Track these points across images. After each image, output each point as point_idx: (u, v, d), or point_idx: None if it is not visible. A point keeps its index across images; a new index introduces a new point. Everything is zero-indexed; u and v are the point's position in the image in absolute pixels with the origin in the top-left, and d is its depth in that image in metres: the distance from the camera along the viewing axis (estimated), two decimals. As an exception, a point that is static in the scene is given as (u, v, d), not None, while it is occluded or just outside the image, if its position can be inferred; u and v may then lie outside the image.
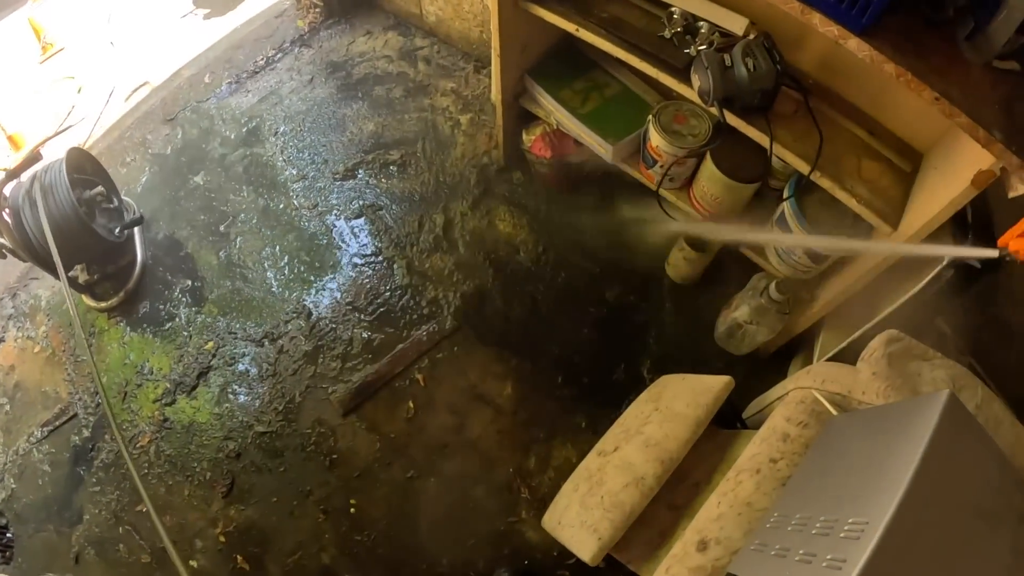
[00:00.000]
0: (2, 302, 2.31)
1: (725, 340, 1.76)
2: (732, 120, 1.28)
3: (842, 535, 0.79)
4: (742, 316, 1.62)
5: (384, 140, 2.07)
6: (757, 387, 1.46)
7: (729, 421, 1.45)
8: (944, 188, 1.01)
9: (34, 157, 1.86)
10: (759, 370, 1.67)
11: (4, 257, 1.90)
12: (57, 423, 1.93)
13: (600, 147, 1.59)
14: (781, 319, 1.58)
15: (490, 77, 2.07)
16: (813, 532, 0.86)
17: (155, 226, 2.09)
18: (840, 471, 0.95)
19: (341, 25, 2.37)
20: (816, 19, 0.99)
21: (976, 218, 1.06)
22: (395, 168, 2.01)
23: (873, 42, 0.95)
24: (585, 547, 1.23)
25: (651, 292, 1.80)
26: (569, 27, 1.39)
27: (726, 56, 1.23)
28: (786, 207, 1.43)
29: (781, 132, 1.27)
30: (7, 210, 1.82)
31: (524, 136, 1.78)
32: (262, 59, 2.34)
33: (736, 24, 1.30)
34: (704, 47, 1.29)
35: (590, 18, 1.39)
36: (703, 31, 1.32)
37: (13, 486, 1.83)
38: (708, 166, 1.49)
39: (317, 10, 2.37)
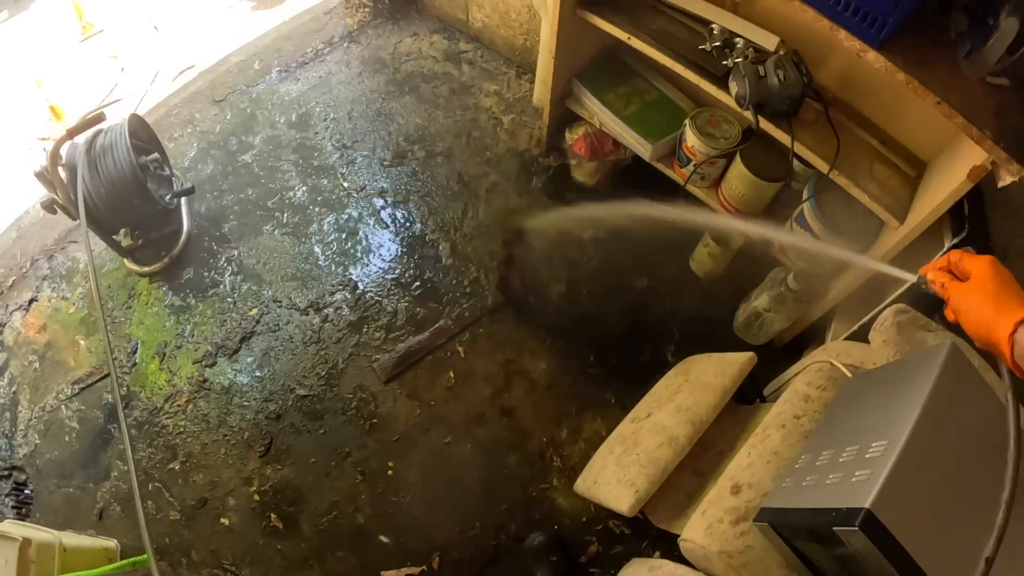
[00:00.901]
0: (38, 263, 2.40)
1: (743, 330, 1.96)
2: (763, 123, 1.50)
3: (867, 456, 0.97)
4: (761, 304, 1.82)
5: (430, 132, 2.27)
6: (774, 373, 1.65)
7: (750, 400, 1.63)
8: (944, 184, 1.23)
9: (94, 119, 1.96)
10: (775, 358, 1.86)
11: (55, 212, 2.01)
12: (89, 381, 2.01)
13: (640, 146, 1.81)
14: (797, 308, 1.78)
15: (532, 82, 2.31)
16: (840, 460, 1.03)
17: (202, 198, 2.23)
18: (859, 415, 1.13)
19: (388, 26, 2.59)
20: (842, 35, 1.22)
21: (972, 214, 1.29)
22: (441, 158, 2.20)
23: (888, 55, 1.18)
24: (623, 500, 1.37)
25: (677, 284, 2.00)
26: (622, 35, 1.62)
27: (760, 67, 1.46)
28: (806, 207, 1.65)
29: (804, 136, 1.50)
30: (62, 166, 1.94)
31: (567, 134, 1.99)
32: (311, 51, 2.54)
33: (768, 41, 1.54)
34: (740, 59, 1.53)
35: (641, 29, 1.62)
36: (739, 46, 1.56)
37: (37, 442, 1.89)
38: (737, 165, 1.71)
39: (366, 10, 2.59)
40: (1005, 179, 1.04)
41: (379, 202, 2.12)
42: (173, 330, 2.01)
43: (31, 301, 2.32)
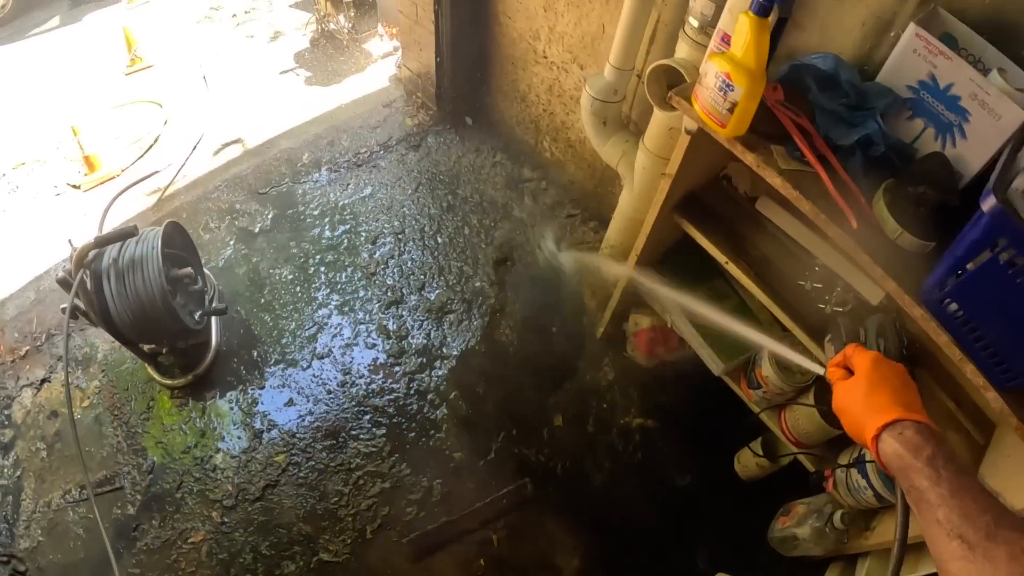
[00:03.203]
0: (54, 339, 2.34)
1: (778, 542, 1.94)
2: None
3: None
4: (801, 534, 1.81)
5: (480, 279, 2.20)
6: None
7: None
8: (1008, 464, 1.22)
9: (125, 233, 1.85)
10: (801, 571, 1.85)
11: (76, 318, 1.95)
12: (99, 490, 1.97)
13: (712, 361, 1.77)
14: (838, 545, 1.77)
15: (596, 231, 2.25)
16: None
17: (233, 308, 2.17)
18: None
19: (451, 134, 2.52)
20: (969, 368, 1.18)
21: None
22: (485, 316, 2.12)
23: (1007, 398, 1.15)
24: None
25: (718, 484, 1.98)
26: (720, 258, 1.57)
27: (861, 331, 1.42)
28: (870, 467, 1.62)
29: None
30: (89, 271, 1.87)
31: (632, 320, 1.95)
32: (366, 151, 2.47)
33: (873, 295, 1.49)
34: (840, 309, 1.48)
35: (742, 255, 1.56)
36: (839, 289, 1.51)
37: (40, 539, 1.85)
38: (808, 403, 1.68)
39: (428, 113, 2.50)
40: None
41: (417, 361, 2.05)
42: (193, 457, 1.97)
43: (43, 381, 2.27)
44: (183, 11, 3.85)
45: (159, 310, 1.86)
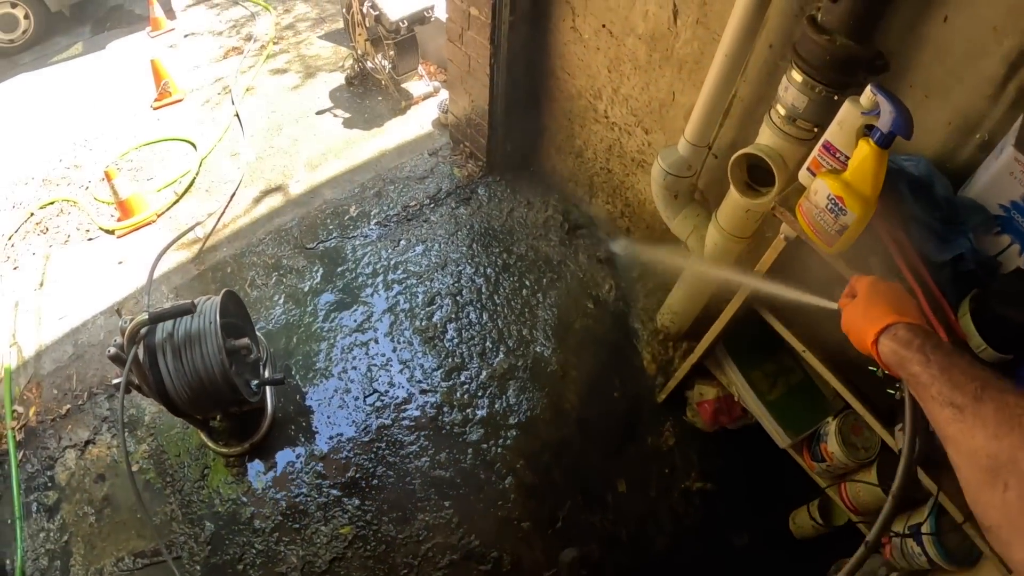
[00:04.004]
0: (96, 398, 2.30)
1: (836, 603, 1.97)
2: (921, 476, 1.48)
3: None
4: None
5: (540, 344, 2.18)
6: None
7: None
8: None
9: (181, 310, 1.79)
10: None
11: (129, 392, 1.92)
12: (153, 559, 1.95)
13: (777, 434, 1.78)
14: (888, 603, 1.80)
15: (654, 295, 2.24)
16: None
17: (288, 373, 2.13)
18: None
19: (501, 186, 2.49)
20: None
21: None
22: (556, 380, 2.10)
23: None
24: None
25: (773, 543, 2.00)
26: (798, 347, 1.58)
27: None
28: (927, 540, 1.65)
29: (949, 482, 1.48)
30: (142, 346, 1.82)
31: (696, 391, 1.95)
32: (415, 204, 2.43)
33: None
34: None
35: (817, 343, 1.57)
36: None
37: None
38: (871, 478, 1.69)
39: (478, 164, 2.47)
40: None
41: (482, 430, 2.03)
42: (253, 528, 1.93)
43: (87, 443, 2.23)
44: (208, 41, 3.76)
45: (219, 385, 1.83)
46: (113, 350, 1.81)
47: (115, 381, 1.84)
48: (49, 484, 2.15)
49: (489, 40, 2.16)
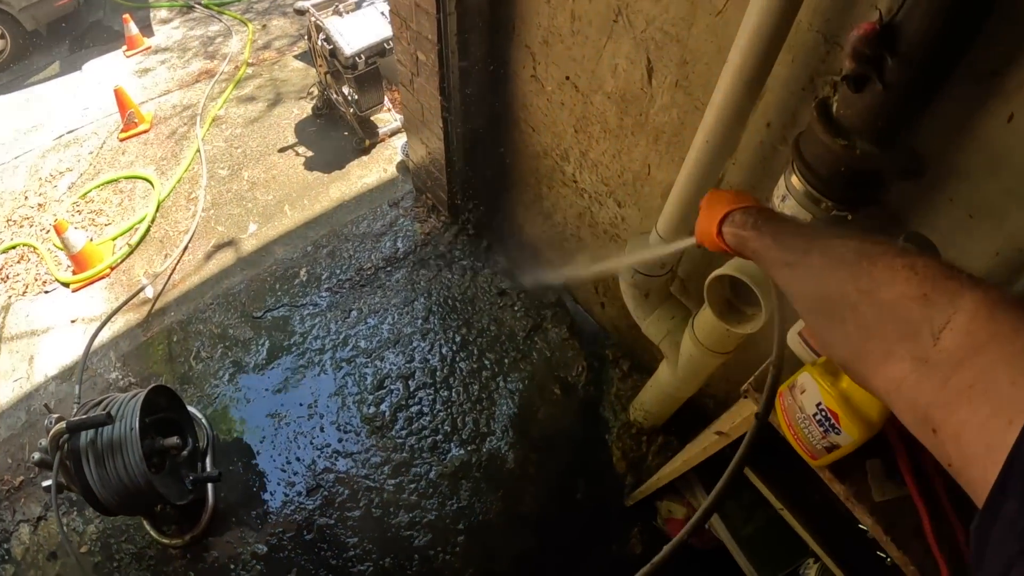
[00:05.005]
0: (47, 473, 2.21)
1: None
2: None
3: None
4: None
5: (497, 438, 1.95)
6: None
7: None
8: None
9: (98, 421, 1.66)
10: None
11: (61, 492, 1.81)
12: None
13: (750, 573, 1.55)
14: None
15: (628, 377, 1.99)
16: None
17: (229, 461, 1.99)
18: None
19: (465, 246, 2.23)
20: None
21: None
22: (514, 481, 1.89)
23: None
24: None
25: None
26: (776, 504, 1.32)
27: None
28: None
29: None
30: (67, 449, 1.71)
31: (665, 507, 1.71)
32: (370, 267, 2.21)
33: None
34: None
35: (800, 501, 1.31)
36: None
37: None
38: None
39: (440, 219, 2.22)
40: None
41: (427, 537, 1.82)
42: (192, 632, 1.83)
43: (39, 519, 2.16)
44: (180, 62, 3.54)
45: (144, 493, 1.71)
46: (38, 455, 1.72)
47: (45, 484, 1.74)
48: (6, 557, 2.10)
49: (439, 90, 1.87)
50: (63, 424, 1.62)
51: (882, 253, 0.47)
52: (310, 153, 2.69)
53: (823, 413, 0.85)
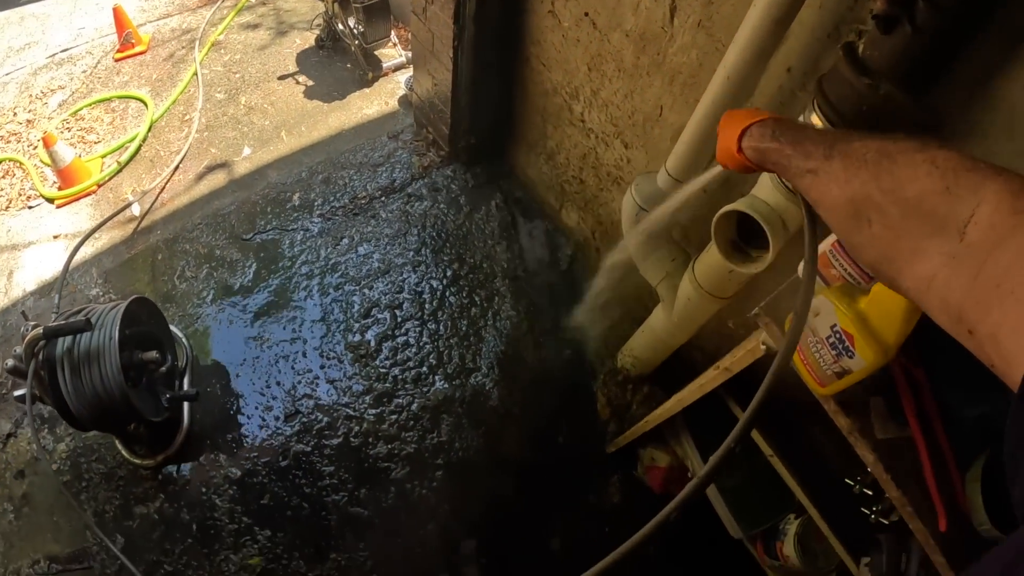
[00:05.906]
0: (20, 387, 2.16)
1: None
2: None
3: None
4: None
5: (482, 374, 1.91)
6: None
7: None
8: None
9: (77, 327, 1.60)
10: None
11: (33, 403, 1.76)
12: (69, 566, 1.84)
13: (730, 525, 1.53)
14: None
15: (621, 324, 1.94)
16: None
17: (207, 382, 1.94)
18: None
19: (463, 182, 2.17)
20: None
21: None
22: (496, 418, 1.86)
23: None
24: None
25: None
26: (767, 451, 1.30)
27: (904, 557, 1.18)
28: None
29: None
30: (43, 357, 1.64)
31: (648, 454, 1.69)
32: (364, 196, 2.14)
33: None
34: (884, 520, 1.24)
35: (791, 444, 1.28)
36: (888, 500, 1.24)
37: None
38: None
39: (439, 153, 2.14)
40: None
41: (406, 470, 1.80)
42: (160, 550, 1.80)
43: (9, 436, 2.11)
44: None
45: (119, 406, 1.65)
46: (11, 362, 1.64)
47: (17, 393, 1.67)
48: (-28, 474, 2.05)
49: (452, 18, 1.78)
50: (40, 330, 1.55)
51: (902, 151, 0.45)
52: (311, 82, 2.59)
53: (837, 335, 0.81)
